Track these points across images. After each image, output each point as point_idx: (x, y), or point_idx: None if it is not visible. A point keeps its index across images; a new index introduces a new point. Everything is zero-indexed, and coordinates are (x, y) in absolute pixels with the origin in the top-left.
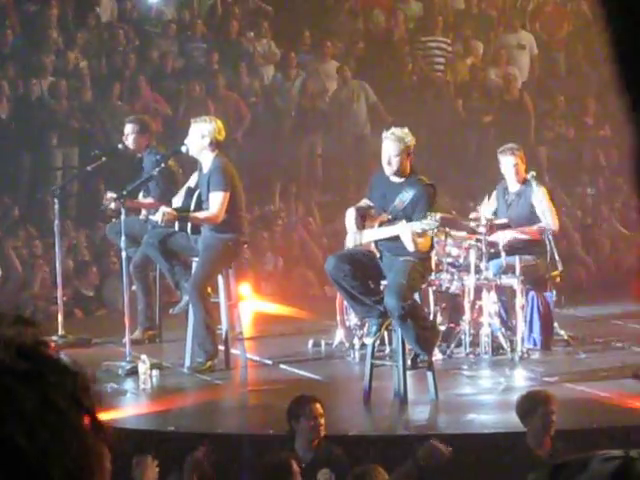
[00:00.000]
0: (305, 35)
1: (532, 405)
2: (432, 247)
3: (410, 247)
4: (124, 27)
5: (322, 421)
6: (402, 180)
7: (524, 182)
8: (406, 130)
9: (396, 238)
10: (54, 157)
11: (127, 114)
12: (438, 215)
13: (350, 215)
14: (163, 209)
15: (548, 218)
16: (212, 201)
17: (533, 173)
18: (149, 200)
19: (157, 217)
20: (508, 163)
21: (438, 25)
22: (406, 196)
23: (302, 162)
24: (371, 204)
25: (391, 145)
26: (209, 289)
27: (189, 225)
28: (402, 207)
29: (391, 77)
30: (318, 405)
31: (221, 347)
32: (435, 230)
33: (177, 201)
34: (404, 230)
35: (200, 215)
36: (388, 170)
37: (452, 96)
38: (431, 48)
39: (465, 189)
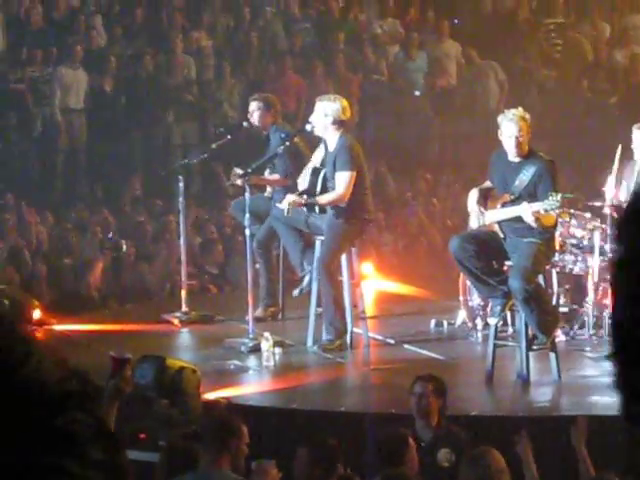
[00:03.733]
0: (429, 15)
1: None
2: (556, 226)
3: (533, 225)
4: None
5: (429, 400)
6: (521, 159)
7: None
8: (521, 109)
9: (519, 219)
10: (172, 134)
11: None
12: (559, 195)
13: (473, 196)
14: (289, 198)
15: None
16: (338, 181)
17: None
18: (275, 176)
19: (283, 206)
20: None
21: (559, 5)
22: (526, 175)
23: (428, 142)
24: (492, 185)
25: (515, 126)
26: None
27: (317, 207)
28: (523, 186)
29: (514, 58)
30: (426, 382)
31: (346, 326)
32: (557, 210)
33: (302, 181)
34: (525, 211)
35: (325, 198)
36: (515, 151)
37: (576, 78)
38: (552, 30)
39: (590, 171)
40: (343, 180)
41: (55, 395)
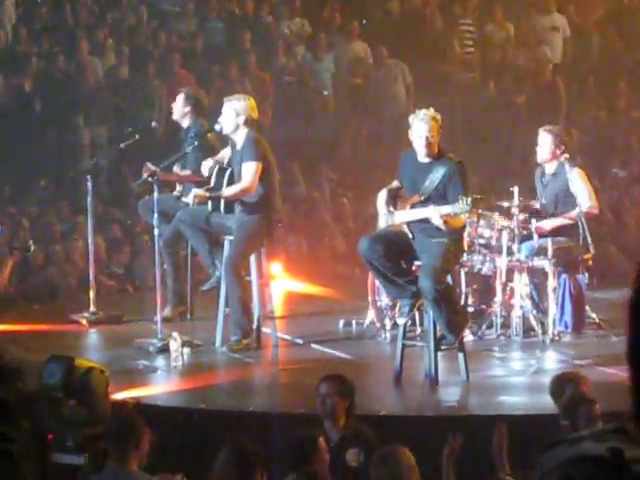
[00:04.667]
0: (336, 16)
1: (561, 386)
2: (464, 227)
3: (442, 227)
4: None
5: (334, 400)
6: (431, 160)
7: (559, 163)
8: (433, 110)
9: (428, 219)
10: (81, 135)
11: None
12: (469, 199)
13: (382, 196)
14: (194, 191)
15: (582, 199)
16: (245, 171)
17: (566, 155)
18: (186, 172)
19: (189, 199)
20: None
21: (468, 6)
22: (436, 176)
23: (338, 142)
24: (401, 185)
25: (426, 126)
26: None
27: (222, 204)
28: (433, 187)
29: (423, 58)
30: (331, 383)
31: (253, 326)
32: (467, 214)
33: (205, 169)
34: (434, 214)
35: (232, 189)
36: (425, 151)
37: (484, 78)
38: (462, 31)
39: (498, 170)
40: (249, 170)
41: None
